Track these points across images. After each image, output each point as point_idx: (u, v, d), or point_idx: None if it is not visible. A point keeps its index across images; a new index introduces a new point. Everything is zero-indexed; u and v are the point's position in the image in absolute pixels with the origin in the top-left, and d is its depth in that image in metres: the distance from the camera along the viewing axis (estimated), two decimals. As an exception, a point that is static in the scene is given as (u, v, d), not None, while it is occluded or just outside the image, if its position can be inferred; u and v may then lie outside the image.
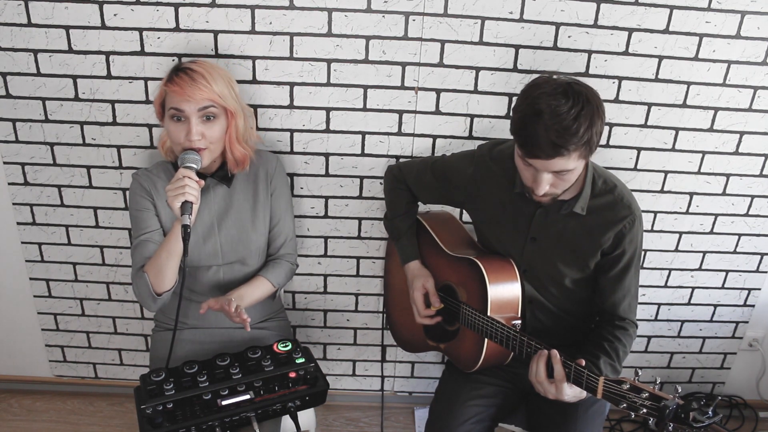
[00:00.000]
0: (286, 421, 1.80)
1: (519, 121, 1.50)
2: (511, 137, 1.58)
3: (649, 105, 2.13)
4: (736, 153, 2.21)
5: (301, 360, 1.74)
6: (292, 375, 1.70)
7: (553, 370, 1.55)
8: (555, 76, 1.52)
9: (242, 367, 1.70)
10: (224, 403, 1.61)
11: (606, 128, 2.14)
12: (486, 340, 1.74)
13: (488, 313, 1.71)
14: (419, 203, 2.10)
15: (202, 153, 1.72)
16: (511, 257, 1.80)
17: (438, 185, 1.94)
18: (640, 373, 1.40)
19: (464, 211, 2.22)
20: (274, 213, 1.96)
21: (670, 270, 2.43)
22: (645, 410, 1.35)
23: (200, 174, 1.80)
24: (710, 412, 1.28)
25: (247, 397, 1.63)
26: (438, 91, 2.10)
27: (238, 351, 1.77)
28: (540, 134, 1.45)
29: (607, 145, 2.19)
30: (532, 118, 1.46)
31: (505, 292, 1.74)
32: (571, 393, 1.56)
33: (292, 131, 2.15)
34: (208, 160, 1.76)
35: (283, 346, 1.78)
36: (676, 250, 2.38)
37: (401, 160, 2.20)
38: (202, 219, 1.84)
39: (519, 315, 1.75)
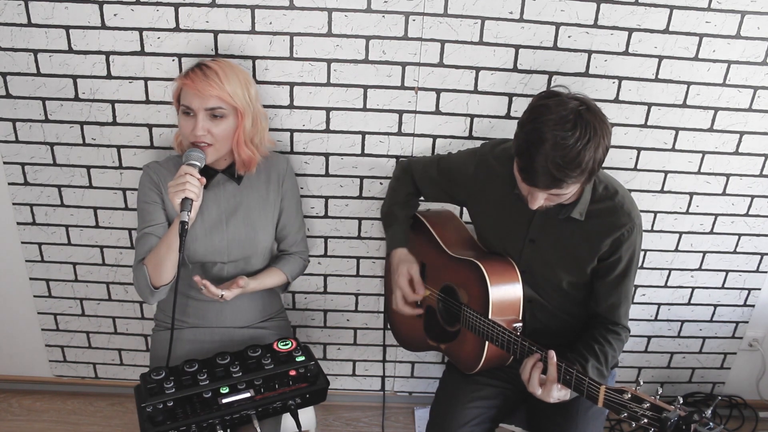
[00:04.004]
0: (287, 420, 1.80)
1: (522, 145, 1.48)
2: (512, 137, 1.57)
3: (649, 105, 2.13)
4: (736, 153, 2.22)
5: (302, 358, 1.75)
6: (293, 373, 1.71)
7: (547, 370, 1.55)
8: (566, 92, 1.49)
9: (242, 366, 1.71)
10: (224, 401, 1.61)
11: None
12: (487, 342, 1.74)
13: (489, 316, 1.71)
14: (421, 201, 2.10)
15: (207, 150, 1.74)
16: (510, 257, 1.80)
17: (441, 181, 1.94)
18: (641, 383, 1.40)
19: (464, 209, 2.22)
20: (285, 214, 1.97)
21: (670, 270, 2.43)
22: (646, 420, 1.35)
23: (210, 170, 1.82)
24: (711, 424, 1.27)
25: (248, 395, 1.63)
26: (438, 91, 2.11)
27: (239, 350, 1.78)
28: (539, 164, 1.43)
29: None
30: (536, 146, 1.43)
31: (506, 294, 1.74)
32: (557, 395, 1.56)
33: (292, 131, 2.16)
34: (213, 157, 1.77)
35: (284, 345, 1.78)
36: (676, 250, 2.38)
37: (402, 160, 2.20)
38: (210, 214, 1.85)
39: (520, 318, 1.75)
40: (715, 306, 2.51)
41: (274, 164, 1.95)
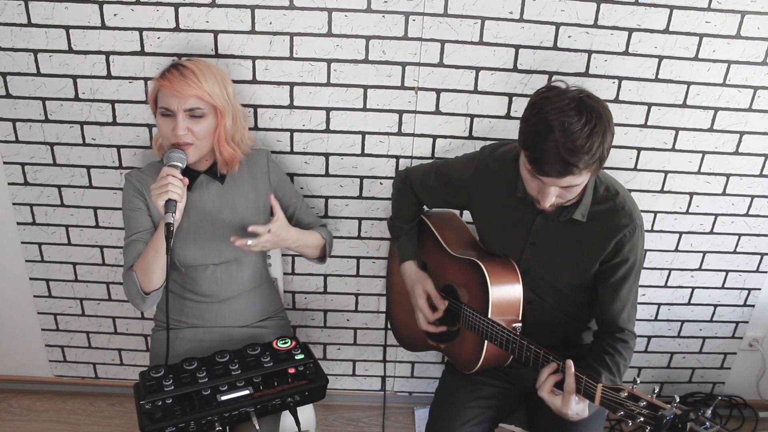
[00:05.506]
0: (286, 420, 1.81)
1: (530, 137, 1.47)
2: (513, 138, 1.57)
3: (649, 105, 2.13)
4: (736, 153, 2.22)
5: (301, 356, 1.75)
6: (291, 371, 1.71)
7: (564, 381, 1.51)
8: (564, 86, 1.50)
9: (241, 364, 1.71)
10: (223, 398, 1.61)
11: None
12: (486, 342, 1.74)
13: (489, 315, 1.71)
14: (424, 208, 2.10)
15: (189, 149, 1.73)
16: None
17: (440, 188, 1.94)
18: (638, 381, 1.40)
19: (465, 210, 2.22)
20: (286, 201, 1.98)
21: (670, 270, 2.43)
22: (642, 419, 1.35)
23: (192, 171, 1.82)
24: (707, 423, 1.27)
25: (246, 392, 1.64)
26: (438, 91, 2.11)
27: (238, 348, 1.78)
28: (551, 152, 1.42)
29: (607, 145, 2.19)
30: (544, 135, 1.43)
31: (506, 294, 1.73)
32: (576, 408, 1.52)
33: (292, 131, 2.16)
34: (195, 156, 1.76)
35: (283, 343, 1.78)
36: (676, 250, 2.38)
37: (402, 160, 2.20)
38: (197, 216, 1.84)
39: (520, 318, 1.74)
40: (715, 306, 2.51)
41: (255, 159, 1.94)
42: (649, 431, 1.34)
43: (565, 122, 1.41)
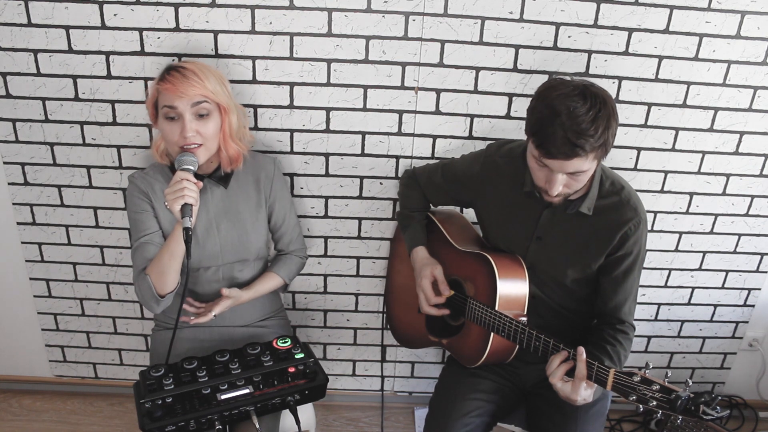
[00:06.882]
0: (286, 420, 1.81)
1: (536, 122, 1.51)
2: (516, 138, 1.58)
3: (649, 105, 2.13)
4: (736, 153, 2.22)
5: (301, 355, 1.76)
6: (291, 370, 1.71)
7: (575, 368, 1.52)
8: (569, 78, 1.53)
9: (241, 363, 1.71)
10: (223, 397, 1.61)
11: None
12: (492, 334, 1.74)
13: (496, 308, 1.71)
14: (430, 206, 2.11)
15: (198, 150, 1.72)
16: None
17: (447, 185, 1.95)
18: (651, 365, 1.40)
19: (468, 208, 2.22)
20: (278, 216, 1.98)
21: (670, 270, 2.43)
22: (655, 402, 1.34)
23: (197, 175, 1.81)
24: (718, 408, 1.28)
25: (246, 391, 1.64)
26: (438, 91, 2.11)
27: (238, 348, 1.78)
28: (558, 135, 1.45)
29: (607, 145, 2.19)
30: (550, 119, 1.46)
31: (513, 288, 1.74)
32: (584, 394, 1.53)
33: (292, 131, 2.16)
34: (205, 157, 1.76)
35: (283, 342, 1.79)
36: (676, 250, 2.38)
37: (402, 160, 2.21)
38: (201, 220, 1.84)
39: (525, 312, 1.75)
40: (715, 306, 2.51)
41: (262, 166, 1.94)
42: (661, 415, 1.34)
43: (570, 106, 1.45)
